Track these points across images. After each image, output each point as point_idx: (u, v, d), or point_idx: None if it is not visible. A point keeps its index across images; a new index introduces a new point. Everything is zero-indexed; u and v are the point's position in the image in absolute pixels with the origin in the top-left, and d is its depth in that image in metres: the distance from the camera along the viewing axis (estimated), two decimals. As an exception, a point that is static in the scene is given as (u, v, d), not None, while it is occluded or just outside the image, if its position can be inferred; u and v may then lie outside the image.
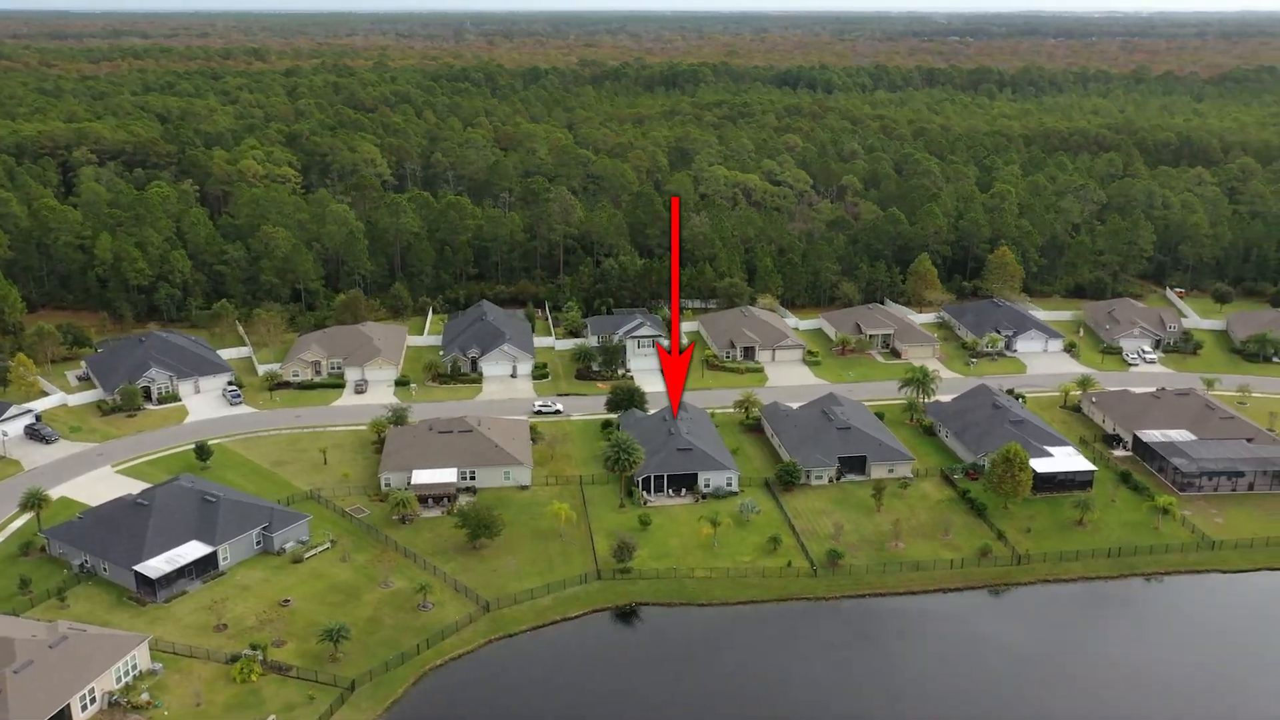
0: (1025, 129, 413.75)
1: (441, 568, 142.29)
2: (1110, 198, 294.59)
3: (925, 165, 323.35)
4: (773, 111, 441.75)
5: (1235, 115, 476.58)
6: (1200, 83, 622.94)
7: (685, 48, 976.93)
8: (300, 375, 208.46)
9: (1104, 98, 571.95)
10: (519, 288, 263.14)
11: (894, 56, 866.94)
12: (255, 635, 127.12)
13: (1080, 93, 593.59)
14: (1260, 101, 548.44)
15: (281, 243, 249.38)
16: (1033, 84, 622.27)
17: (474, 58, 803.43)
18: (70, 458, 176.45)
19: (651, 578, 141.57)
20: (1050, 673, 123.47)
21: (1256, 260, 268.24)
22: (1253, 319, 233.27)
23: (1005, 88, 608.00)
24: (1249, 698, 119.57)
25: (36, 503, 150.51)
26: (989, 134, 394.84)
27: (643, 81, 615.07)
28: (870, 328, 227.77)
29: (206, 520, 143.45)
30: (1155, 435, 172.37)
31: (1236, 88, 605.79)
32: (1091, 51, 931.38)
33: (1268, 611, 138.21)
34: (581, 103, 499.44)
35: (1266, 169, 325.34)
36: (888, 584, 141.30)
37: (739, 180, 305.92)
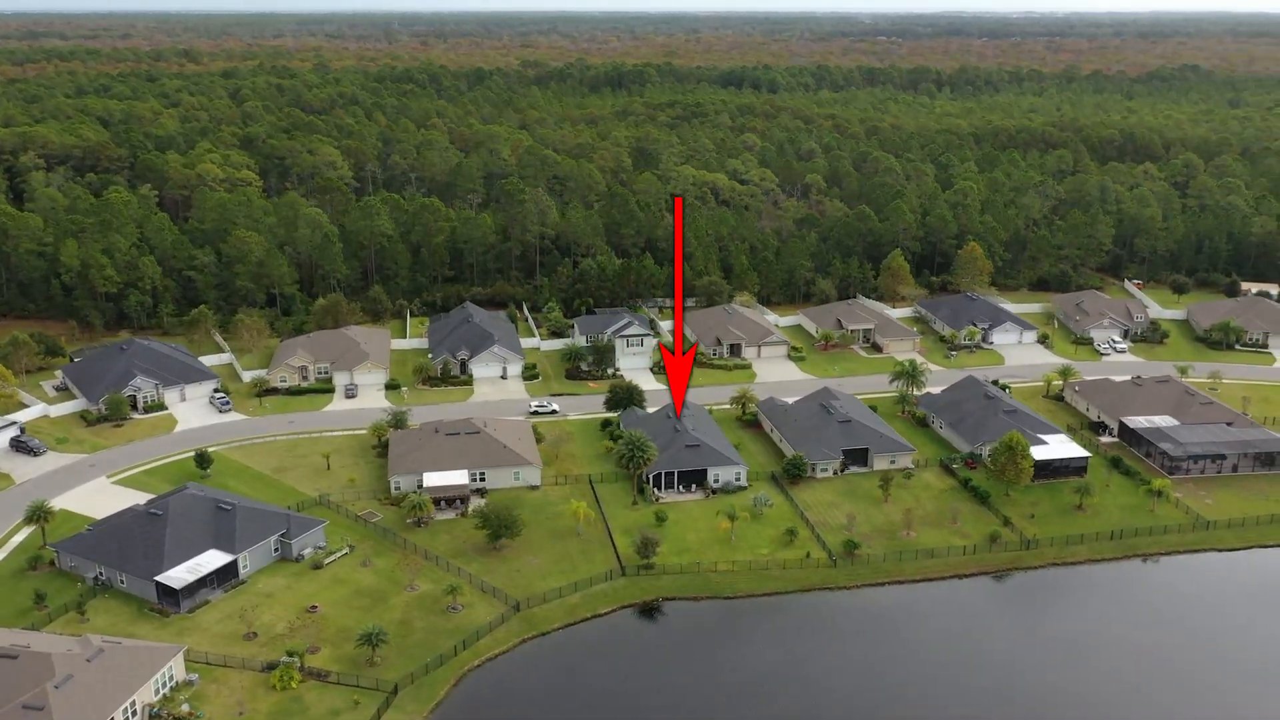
0: (973, 127, 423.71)
1: (465, 569, 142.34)
2: (1066, 193, 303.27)
3: (886, 163, 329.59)
4: (726, 111, 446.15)
5: (1167, 112, 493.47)
6: (1128, 81, 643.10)
7: (623, 48, 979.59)
8: (288, 381, 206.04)
9: (1039, 96, 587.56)
10: (496, 289, 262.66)
11: (830, 56, 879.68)
12: (287, 642, 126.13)
13: (1016, 91, 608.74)
14: (1188, 99, 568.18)
15: (255, 247, 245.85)
16: (969, 83, 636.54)
17: (413, 59, 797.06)
18: (61, 470, 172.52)
19: (675, 573, 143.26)
20: (1074, 652, 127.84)
21: (1208, 252, 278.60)
22: (1213, 309, 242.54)
23: (944, 87, 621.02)
24: (1260, 670, 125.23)
25: (41, 516, 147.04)
26: (939, 132, 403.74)
27: (588, 82, 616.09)
28: (851, 323, 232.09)
29: (224, 528, 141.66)
30: (1141, 421, 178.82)
31: (1163, 86, 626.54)
32: (1019, 51, 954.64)
33: (1265, 587, 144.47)
34: (530, 103, 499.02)
35: (1210, 164, 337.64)
36: (905, 572, 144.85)
37: (707, 179, 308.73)
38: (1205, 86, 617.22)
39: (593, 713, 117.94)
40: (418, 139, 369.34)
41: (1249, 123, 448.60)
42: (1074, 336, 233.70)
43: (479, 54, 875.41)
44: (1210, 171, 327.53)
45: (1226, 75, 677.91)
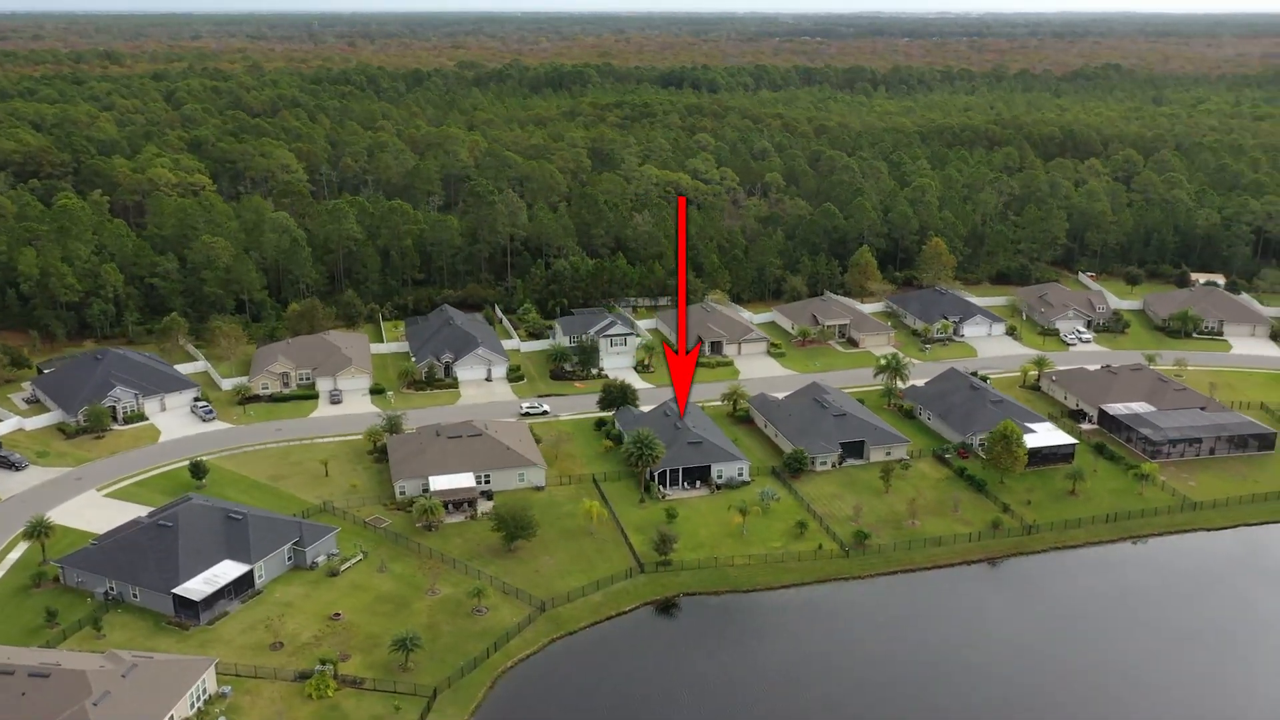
0: (917, 125, 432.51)
1: (484, 571, 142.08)
2: (1019, 189, 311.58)
3: (841, 162, 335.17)
4: (675, 112, 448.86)
5: (1097, 110, 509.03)
6: (1055, 80, 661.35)
7: (554, 49, 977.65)
8: (269, 388, 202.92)
9: (971, 95, 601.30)
10: (467, 291, 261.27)
11: (762, 56, 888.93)
12: (316, 651, 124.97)
13: (949, 90, 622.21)
14: (1113, 97, 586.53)
15: (221, 253, 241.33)
16: (903, 82, 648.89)
17: (345, 60, 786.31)
18: (46, 484, 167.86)
19: (693, 568, 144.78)
20: (1088, 631, 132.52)
21: (1156, 245, 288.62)
22: (1168, 299, 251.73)
23: (879, 86, 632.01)
24: (1260, 638, 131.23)
25: (41, 531, 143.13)
26: (886, 131, 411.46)
27: (528, 83, 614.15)
28: (827, 319, 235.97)
29: (237, 538, 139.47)
30: (1120, 408, 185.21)
31: (1088, 84, 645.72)
32: (943, 50, 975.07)
33: (1257, 563, 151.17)
34: (474, 105, 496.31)
35: (1149, 160, 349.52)
36: (915, 560, 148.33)
37: (670, 179, 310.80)
38: (1128, 85, 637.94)
39: (630, 709, 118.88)
40: (366, 141, 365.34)
41: (1177, 119, 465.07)
42: (1040, 328, 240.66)
43: (411, 55, 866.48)
44: (1151, 167, 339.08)
45: (1146, 74, 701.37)
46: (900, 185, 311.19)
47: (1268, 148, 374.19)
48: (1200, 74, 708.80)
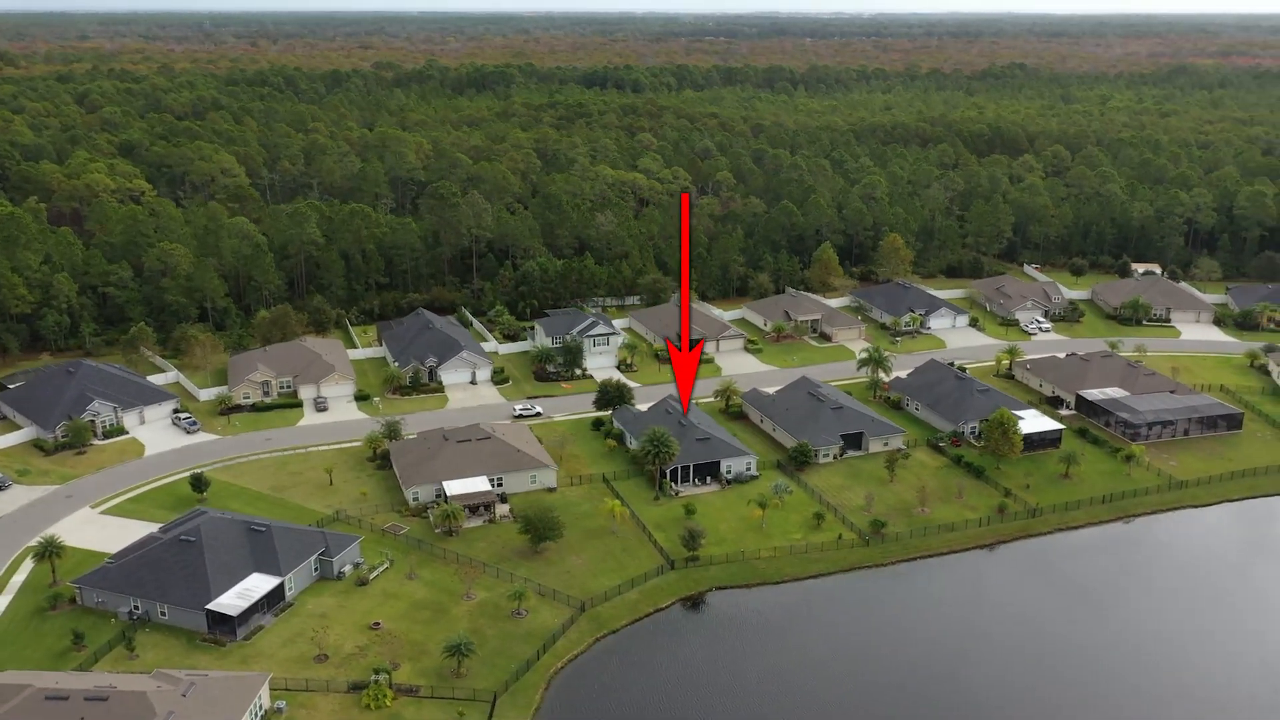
0: (848, 124, 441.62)
1: (515, 574, 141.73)
2: (964, 184, 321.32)
3: (788, 160, 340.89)
4: (611, 112, 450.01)
5: (1012, 108, 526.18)
6: (965, 79, 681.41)
7: (466, 49, 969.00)
8: (250, 397, 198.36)
9: (888, 94, 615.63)
10: (432, 295, 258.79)
11: (675, 55, 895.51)
12: (361, 662, 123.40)
13: (867, 89, 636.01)
14: (1023, 95, 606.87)
15: (182, 260, 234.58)
16: (821, 81, 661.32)
17: (251, 60, 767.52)
18: (35, 503, 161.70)
19: (721, 562, 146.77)
20: (1112, 603, 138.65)
21: (1095, 237, 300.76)
22: (1116, 288, 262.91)
23: (798, 85, 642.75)
24: (1259, 604, 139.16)
25: (52, 552, 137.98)
26: (821, 129, 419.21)
27: (450, 84, 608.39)
28: (799, 314, 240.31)
29: (263, 551, 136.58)
30: (1097, 394, 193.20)
31: (997, 83, 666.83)
32: (850, 50, 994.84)
33: (1245, 536, 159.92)
34: (401, 105, 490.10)
35: (1077, 155, 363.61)
36: (931, 546, 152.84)
37: (625, 179, 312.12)
38: (1036, 83, 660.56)
39: (684, 702, 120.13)
40: (300, 144, 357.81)
41: (1091, 116, 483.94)
42: (1000, 319, 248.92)
43: (320, 56, 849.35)
44: (1080, 162, 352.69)
45: (1049, 73, 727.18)
46: (848, 183, 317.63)
47: (1182, 143, 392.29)
48: (1099, 72, 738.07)
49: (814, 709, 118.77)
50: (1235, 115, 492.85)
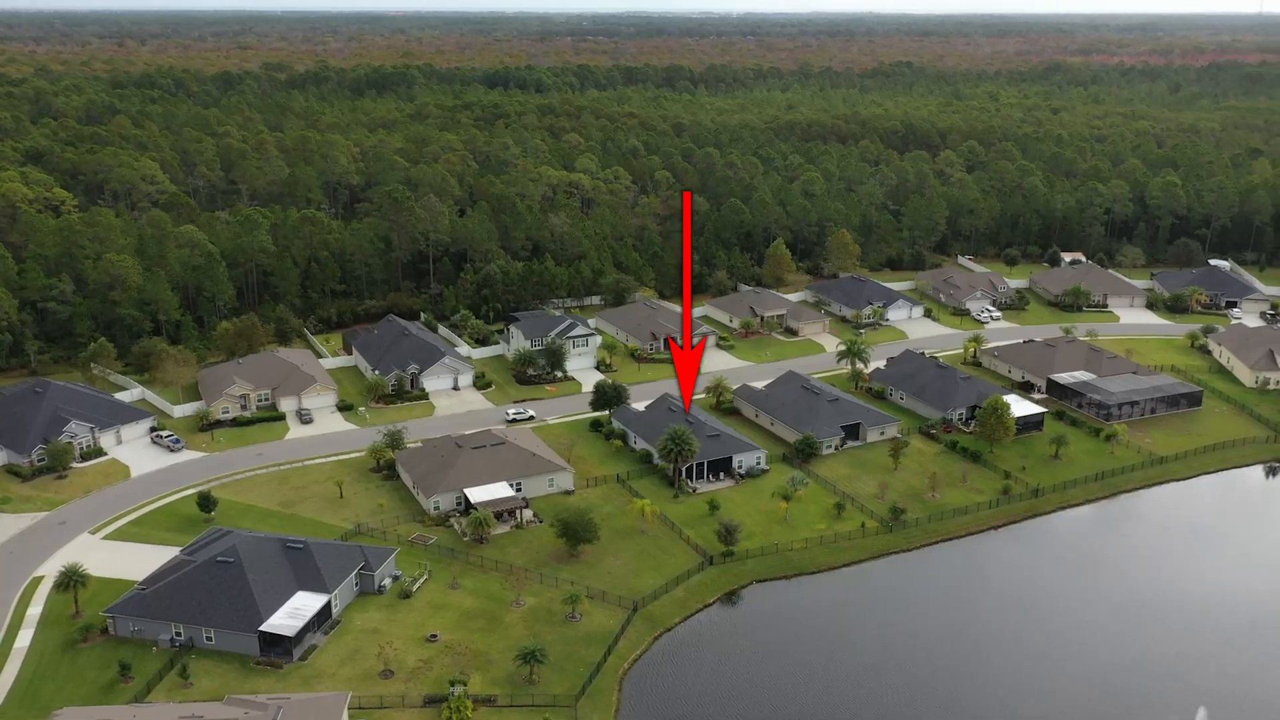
0: (765, 122, 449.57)
1: (558, 577, 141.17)
2: (897, 179, 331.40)
3: (723, 158, 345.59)
4: (529, 112, 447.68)
5: (911, 105, 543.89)
6: (857, 77, 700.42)
7: (349, 50, 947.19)
8: (230, 411, 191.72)
9: (786, 92, 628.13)
10: (390, 301, 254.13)
11: (564, 55, 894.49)
12: (427, 675, 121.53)
13: (766, 88, 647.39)
14: (915, 92, 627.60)
15: (131, 272, 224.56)
16: (720, 80, 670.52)
17: (128, 62, 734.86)
18: (27, 532, 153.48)
19: (756, 556, 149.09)
20: (1130, 571, 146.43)
21: (1021, 228, 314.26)
22: (1053, 276, 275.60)
23: (698, 84, 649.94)
24: (1256, 564, 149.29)
25: (76, 582, 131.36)
26: (742, 127, 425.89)
27: (348, 85, 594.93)
28: (765, 310, 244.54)
29: (304, 568, 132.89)
30: (1067, 377, 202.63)
31: (888, 81, 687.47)
32: (735, 50, 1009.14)
33: (1228, 505, 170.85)
34: (306, 108, 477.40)
35: (991, 150, 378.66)
36: (950, 529, 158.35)
37: (569, 179, 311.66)
38: (925, 81, 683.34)
39: (755, 693, 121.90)
40: (213, 149, 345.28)
41: (990, 113, 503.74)
42: (952, 309, 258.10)
43: (199, 57, 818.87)
44: (995, 156, 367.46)
45: (935, 71, 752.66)
46: (786, 180, 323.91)
47: (1083, 138, 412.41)
48: (977, 70, 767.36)
49: (887, 684, 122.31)
50: (1119, 111, 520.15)
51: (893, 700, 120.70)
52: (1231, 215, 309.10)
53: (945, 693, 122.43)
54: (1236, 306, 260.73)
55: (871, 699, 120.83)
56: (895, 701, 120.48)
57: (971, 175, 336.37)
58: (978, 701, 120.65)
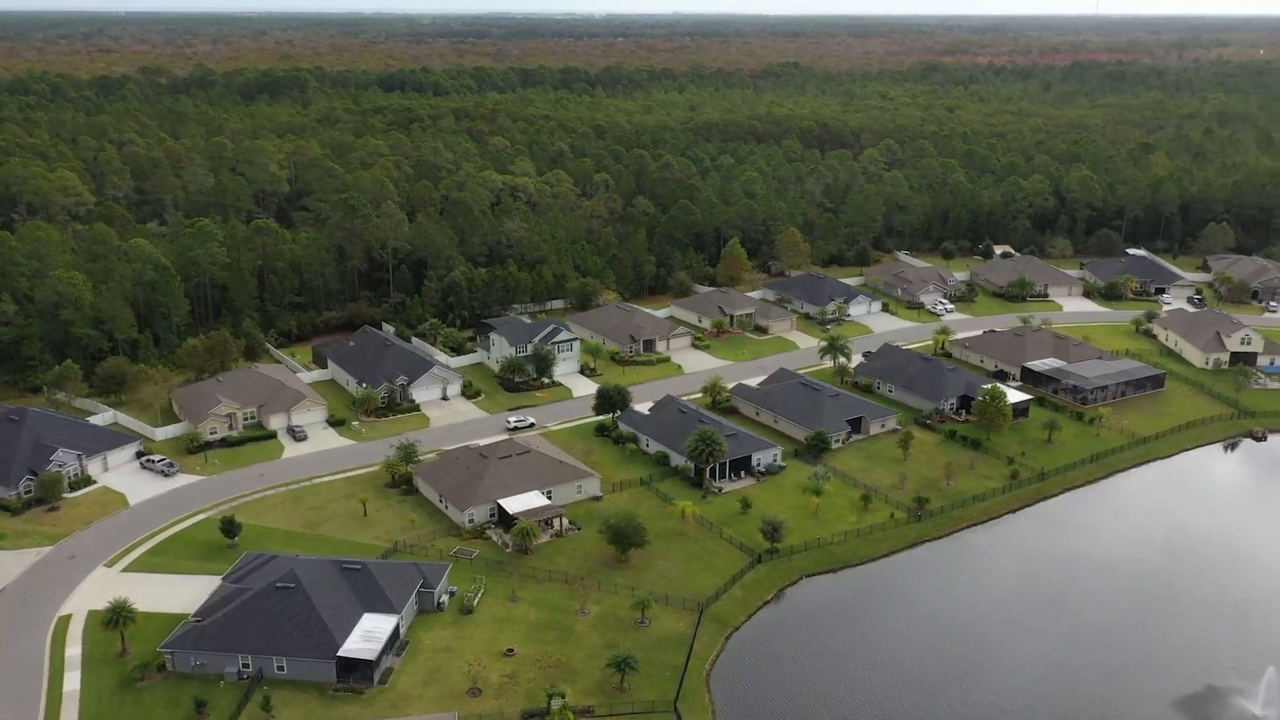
0: (678, 122, 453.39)
1: (616, 583, 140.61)
2: (831, 178, 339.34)
3: (650, 159, 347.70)
4: (444, 116, 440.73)
5: (807, 105, 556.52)
6: (748, 77, 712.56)
7: (221, 53, 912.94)
8: (218, 431, 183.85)
9: (681, 93, 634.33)
10: (350, 311, 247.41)
11: (447, 57, 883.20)
12: (515, 690, 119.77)
13: (662, 89, 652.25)
14: (806, 92, 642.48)
15: (82, 289, 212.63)
16: (616, 81, 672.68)
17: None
18: (37, 568, 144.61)
19: (800, 551, 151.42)
20: (1154, 540, 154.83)
21: (951, 224, 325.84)
22: (993, 268, 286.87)
23: (595, 86, 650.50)
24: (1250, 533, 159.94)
25: (123, 618, 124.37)
26: (661, 128, 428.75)
27: (238, 89, 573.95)
28: (732, 309, 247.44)
29: (367, 589, 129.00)
30: (1041, 365, 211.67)
31: (778, 81, 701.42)
32: (617, 51, 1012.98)
33: (1220, 478, 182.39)
34: (202, 115, 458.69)
35: (907, 148, 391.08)
36: (971, 516, 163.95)
37: (513, 184, 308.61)
38: (816, 81, 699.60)
39: (837, 685, 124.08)
40: (116, 158, 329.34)
41: (890, 112, 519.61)
42: (906, 303, 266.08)
43: (60, 59, 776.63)
44: (912, 154, 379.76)
45: (822, 71, 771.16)
46: (725, 180, 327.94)
47: (985, 135, 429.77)
48: (860, 70, 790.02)
49: (963, 661, 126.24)
50: (1007, 109, 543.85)
51: (973, 677, 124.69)
52: (1144, 207, 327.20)
53: (1020, 663, 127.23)
54: (1165, 292, 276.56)
55: (953, 679, 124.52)
56: (975, 677, 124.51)
57: (899, 173, 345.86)
58: (1072, 660, 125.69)
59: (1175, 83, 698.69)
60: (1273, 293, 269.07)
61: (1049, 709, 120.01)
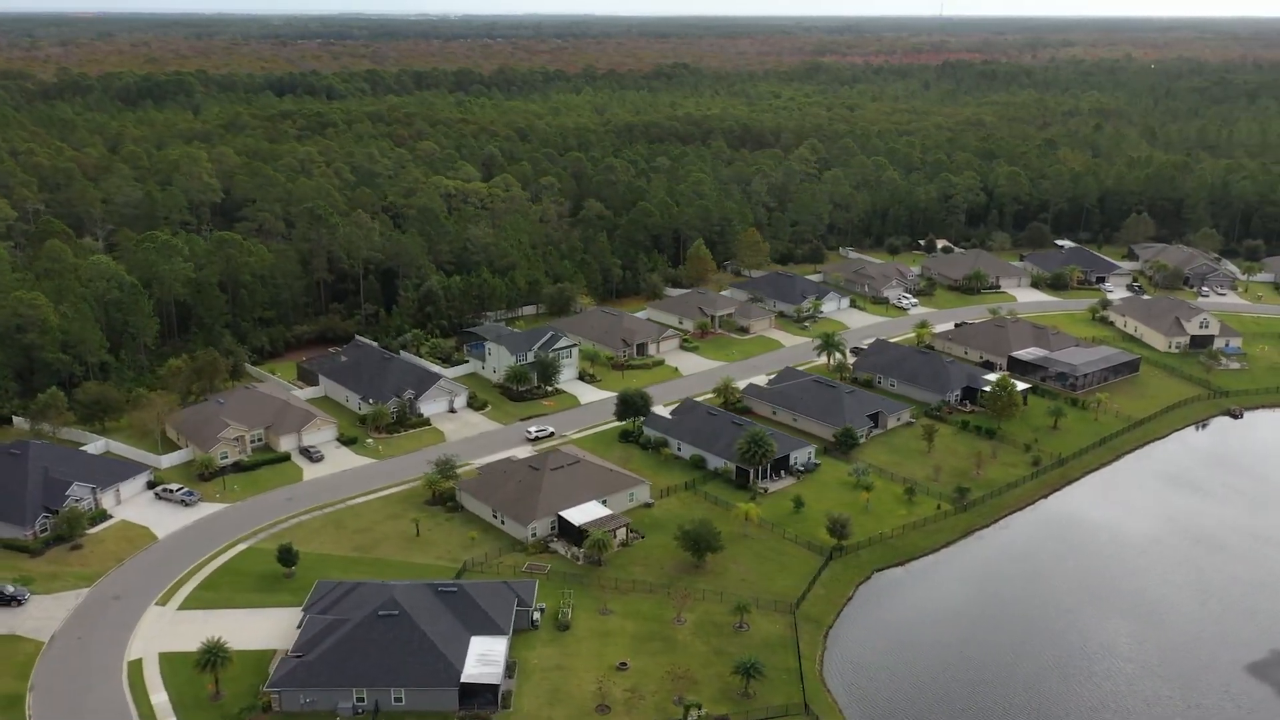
0: (595, 125, 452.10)
1: (701, 588, 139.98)
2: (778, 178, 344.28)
3: (586, 162, 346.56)
4: (360, 121, 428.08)
5: (709, 105, 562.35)
6: (642, 78, 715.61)
7: (76, 55, 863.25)
8: (229, 456, 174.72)
9: (578, 94, 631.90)
10: (322, 325, 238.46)
11: (322, 60, 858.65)
12: (644, 704, 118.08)
13: (558, 90, 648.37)
14: (701, 92, 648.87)
15: (47, 312, 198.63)
16: (510, 83, 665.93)
17: None
18: (81, 612, 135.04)
19: (865, 546, 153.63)
20: (1183, 512, 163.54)
21: (891, 221, 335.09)
22: (945, 261, 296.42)
23: (490, 88, 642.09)
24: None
25: (218, 660, 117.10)
26: (588, 130, 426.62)
27: (118, 94, 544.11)
28: (713, 309, 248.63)
29: (469, 612, 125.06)
30: (1027, 354, 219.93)
31: (669, 83, 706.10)
32: (494, 53, 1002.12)
33: (1218, 453, 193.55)
34: (94, 122, 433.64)
35: (831, 146, 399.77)
36: (1009, 504, 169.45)
37: (464, 189, 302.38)
38: (708, 82, 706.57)
39: (951, 673, 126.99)
40: (17, 169, 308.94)
41: (795, 113, 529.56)
42: (871, 298, 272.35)
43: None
44: (839, 152, 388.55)
45: (712, 72, 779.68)
46: (672, 182, 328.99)
47: (895, 133, 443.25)
48: (745, 70, 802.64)
49: (1053, 642, 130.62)
50: (903, 108, 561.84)
51: (1062, 656, 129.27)
52: (1066, 200, 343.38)
53: (1107, 638, 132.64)
54: (1106, 281, 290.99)
55: (1048, 659, 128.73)
56: (1065, 656, 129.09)
57: (839, 171, 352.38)
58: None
59: (1043, 81, 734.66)
60: (1202, 278, 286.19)
61: (1158, 675, 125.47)
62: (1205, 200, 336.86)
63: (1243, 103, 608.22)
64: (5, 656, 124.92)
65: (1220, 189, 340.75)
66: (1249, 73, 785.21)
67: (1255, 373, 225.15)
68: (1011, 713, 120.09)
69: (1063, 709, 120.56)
